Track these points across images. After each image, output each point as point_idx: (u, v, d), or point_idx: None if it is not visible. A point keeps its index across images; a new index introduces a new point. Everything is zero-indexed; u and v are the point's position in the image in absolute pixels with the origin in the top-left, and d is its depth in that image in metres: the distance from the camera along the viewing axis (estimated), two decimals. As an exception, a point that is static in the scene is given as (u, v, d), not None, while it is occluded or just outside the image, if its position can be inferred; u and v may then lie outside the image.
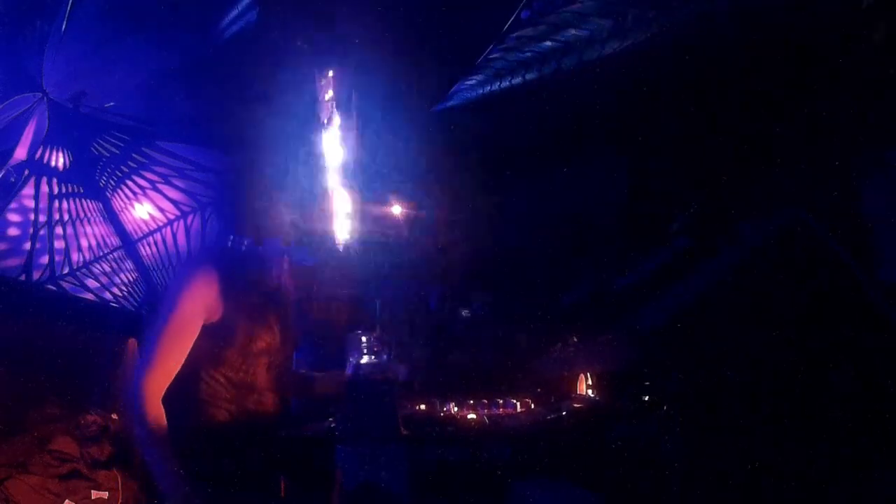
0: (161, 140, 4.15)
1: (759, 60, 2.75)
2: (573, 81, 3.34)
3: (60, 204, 4.09)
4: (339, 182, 3.59)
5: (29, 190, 3.96)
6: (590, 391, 2.53)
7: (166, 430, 1.73)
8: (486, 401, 2.34)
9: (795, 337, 1.99)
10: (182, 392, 1.86)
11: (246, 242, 1.99)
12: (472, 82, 3.64)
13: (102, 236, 4.28)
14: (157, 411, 1.75)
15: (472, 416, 2.20)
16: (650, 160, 3.26)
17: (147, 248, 4.39)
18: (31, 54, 3.52)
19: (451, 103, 3.75)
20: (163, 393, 1.78)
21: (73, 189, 4.16)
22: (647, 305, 2.39)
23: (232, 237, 2.00)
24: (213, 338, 1.88)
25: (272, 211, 1.98)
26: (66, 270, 4.08)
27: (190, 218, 4.32)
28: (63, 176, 4.09)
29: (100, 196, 4.26)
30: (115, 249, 4.31)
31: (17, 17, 3.33)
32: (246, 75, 3.40)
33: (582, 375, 2.59)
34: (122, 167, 4.21)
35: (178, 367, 1.81)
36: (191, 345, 1.84)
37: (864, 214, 2.40)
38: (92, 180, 4.21)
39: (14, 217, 3.91)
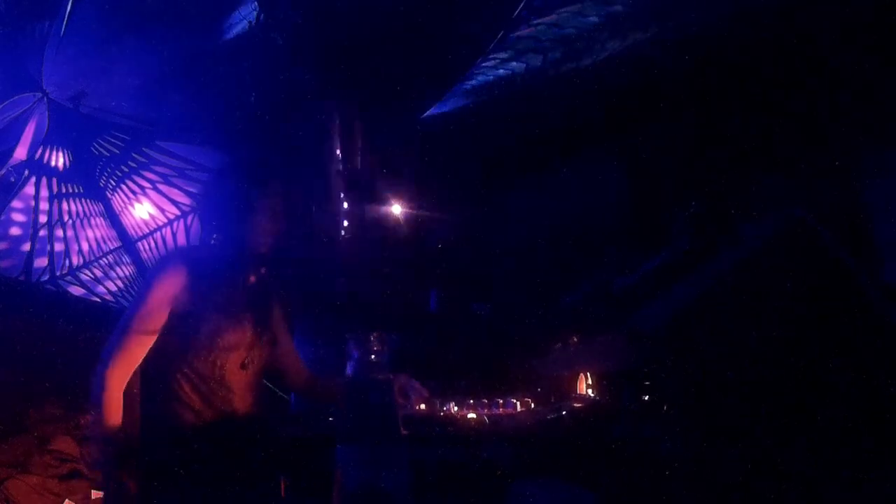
0: (161, 140, 4.15)
1: (760, 61, 2.75)
2: (573, 82, 3.34)
3: (60, 204, 4.10)
4: (339, 182, 3.59)
5: (29, 190, 3.96)
6: (590, 391, 2.53)
7: (119, 422, 1.76)
8: (486, 401, 2.34)
9: (795, 337, 1.99)
10: (154, 385, 1.88)
11: (220, 238, 2.00)
12: (473, 83, 3.64)
13: (102, 236, 4.28)
14: (114, 402, 1.77)
15: (472, 416, 2.19)
16: (650, 161, 3.26)
17: (147, 247, 4.39)
18: (31, 54, 3.52)
19: (451, 104, 3.75)
20: (123, 383, 1.81)
21: (73, 189, 4.16)
22: (647, 305, 2.39)
23: (215, 235, 2.01)
24: (181, 329, 1.89)
25: (247, 209, 1.96)
26: (66, 270, 4.09)
27: (190, 218, 4.32)
28: (63, 176, 4.09)
29: (100, 196, 4.27)
30: (115, 249, 4.31)
31: (17, 17, 3.34)
32: (246, 75, 3.41)
33: (582, 375, 2.59)
34: (122, 167, 4.21)
35: (140, 357, 1.84)
36: (154, 334, 1.86)
37: (864, 214, 2.40)
38: (92, 180, 4.22)
39: (14, 217, 3.92)
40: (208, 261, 1.96)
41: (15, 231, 3.92)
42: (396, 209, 3.86)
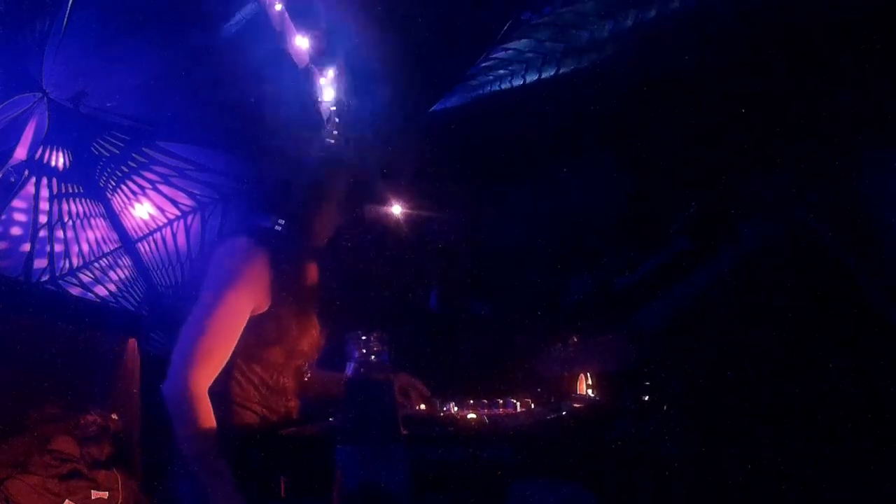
0: (161, 140, 4.15)
1: (759, 59, 2.75)
2: (573, 81, 3.34)
3: (60, 204, 4.10)
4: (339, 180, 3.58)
5: (29, 190, 3.96)
6: (590, 391, 2.53)
7: (216, 435, 1.55)
8: (486, 401, 2.34)
9: (795, 337, 1.99)
10: (209, 391, 1.65)
11: (295, 227, 1.80)
12: (473, 82, 3.64)
13: (102, 236, 4.29)
14: (207, 415, 1.54)
15: (472, 416, 2.19)
16: (650, 161, 3.26)
17: (147, 247, 4.39)
18: (31, 54, 3.52)
19: (451, 102, 3.75)
20: (206, 391, 1.58)
21: (73, 189, 4.16)
22: (647, 305, 2.39)
23: (280, 221, 1.79)
24: (256, 333, 1.69)
25: (321, 189, 1.81)
26: (66, 270, 4.09)
27: (190, 218, 4.32)
28: (63, 176, 4.09)
29: (100, 196, 4.27)
30: (115, 249, 4.32)
31: (17, 17, 3.33)
32: (246, 75, 3.41)
33: (582, 375, 2.59)
34: (122, 167, 4.21)
35: (224, 363, 1.61)
36: (237, 336, 1.63)
37: (864, 214, 2.40)
38: (92, 180, 4.22)
39: (14, 217, 3.91)
40: (286, 254, 1.73)
41: (15, 231, 3.92)
42: (396, 209, 3.86)
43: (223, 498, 1.54)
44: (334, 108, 3.37)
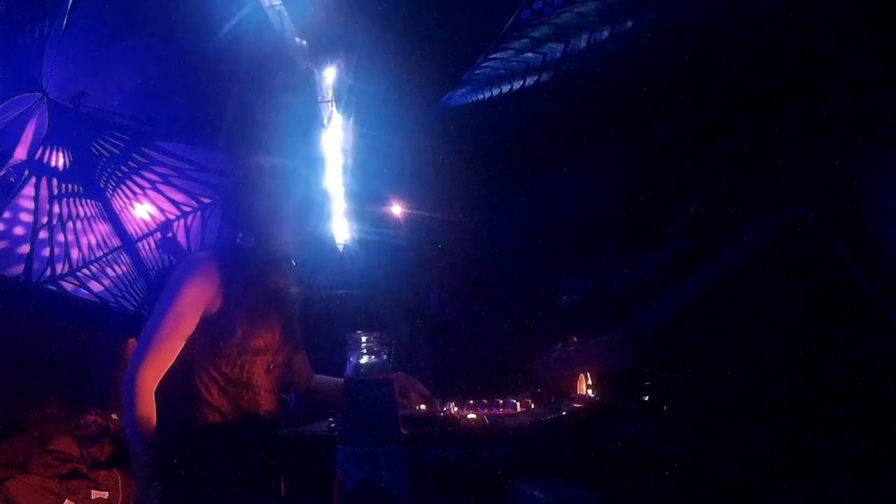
0: (161, 140, 4.16)
1: (760, 60, 2.75)
2: (573, 81, 3.34)
3: (60, 204, 4.10)
4: (339, 182, 3.59)
5: (29, 190, 3.97)
6: (590, 391, 2.53)
7: (153, 425, 1.74)
8: (486, 401, 2.34)
9: (795, 337, 1.99)
10: (176, 387, 1.85)
11: (253, 240, 1.98)
12: (473, 83, 3.64)
13: (102, 236, 4.29)
14: (147, 405, 1.75)
15: (472, 416, 2.19)
16: (650, 160, 3.26)
17: (147, 248, 4.39)
18: (31, 54, 3.52)
19: (450, 103, 3.75)
20: (154, 386, 1.78)
21: (73, 189, 4.17)
22: (647, 305, 2.38)
23: (241, 235, 2.00)
24: (211, 332, 1.87)
25: (276, 211, 1.98)
26: (66, 270, 4.09)
27: (190, 218, 4.33)
28: (63, 176, 4.10)
29: (100, 196, 4.27)
30: (115, 249, 4.32)
31: (17, 17, 3.33)
32: (246, 75, 3.41)
33: (582, 375, 2.59)
34: (122, 167, 4.22)
35: (171, 361, 1.81)
36: (185, 338, 1.84)
37: (864, 214, 2.40)
38: (92, 180, 4.22)
39: (14, 217, 3.92)
40: (238, 262, 1.95)
41: (15, 231, 3.92)
42: (396, 209, 3.86)
43: (141, 479, 1.73)
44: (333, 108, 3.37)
